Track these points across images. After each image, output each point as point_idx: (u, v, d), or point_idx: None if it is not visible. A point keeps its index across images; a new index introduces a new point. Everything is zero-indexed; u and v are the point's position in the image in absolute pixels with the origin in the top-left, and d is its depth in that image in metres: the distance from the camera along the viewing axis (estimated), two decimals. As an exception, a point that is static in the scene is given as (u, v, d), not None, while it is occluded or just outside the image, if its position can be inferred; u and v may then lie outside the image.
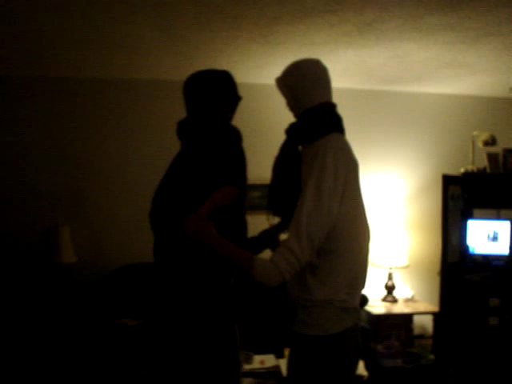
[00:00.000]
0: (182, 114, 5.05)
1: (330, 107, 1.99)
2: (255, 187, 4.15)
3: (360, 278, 1.96)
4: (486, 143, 4.35)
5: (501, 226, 4.38)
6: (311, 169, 1.82)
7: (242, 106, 2.18)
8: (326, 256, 1.86)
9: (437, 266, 4.24)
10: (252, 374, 3.28)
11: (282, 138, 2.11)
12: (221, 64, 3.96)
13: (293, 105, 1.97)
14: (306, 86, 1.94)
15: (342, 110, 2.08)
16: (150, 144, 4.65)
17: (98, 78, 4.55)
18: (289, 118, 2.13)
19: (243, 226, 2.11)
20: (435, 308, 4.39)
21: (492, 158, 4.37)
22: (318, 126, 1.92)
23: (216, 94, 2.05)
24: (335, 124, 1.97)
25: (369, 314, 4.39)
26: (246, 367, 3.41)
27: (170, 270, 2.07)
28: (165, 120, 4.66)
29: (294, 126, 2.00)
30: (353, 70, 4.22)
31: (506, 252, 4.34)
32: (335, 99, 2.05)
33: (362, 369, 3.49)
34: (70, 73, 4.42)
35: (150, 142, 4.65)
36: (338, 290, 1.87)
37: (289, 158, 1.98)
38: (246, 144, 2.19)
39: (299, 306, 1.92)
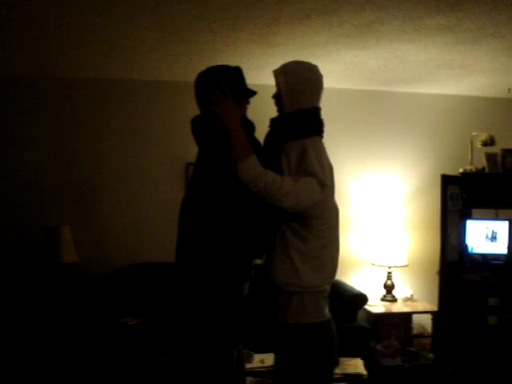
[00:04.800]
0: (182, 114, 5.06)
1: (319, 112, 2.09)
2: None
3: (336, 269, 2.09)
4: (484, 143, 4.36)
5: (499, 226, 4.39)
6: (306, 161, 1.96)
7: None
8: (314, 243, 1.97)
9: (436, 266, 4.25)
10: (252, 372, 3.29)
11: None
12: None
13: (287, 101, 2.02)
14: (306, 89, 2.02)
15: (341, 111, 2.12)
16: (151, 144, 4.67)
17: (100, 79, 4.56)
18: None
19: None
20: (434, 307, 4.40)
21: (490, 158, 4.38)
22: (307, 126, 2.01)
23: (230, 89, 2.02)
24: (320, 128, 2.08)
25: (368, 313, 4.40)
26: (246, 366, 3.42)
27: (189, 274, 2.03)
28: (166, 120, 4.69)
29: (283, 121, 2.06)
30: (352, 70, 4.24)
31: (505, 251, 4.35)
32: (335, 99, 2.09)
33: (361, 368, 3.50)
34: (71, 73, 4.44)
35: (151, 142, 4.67)
36: (324, 279, 2.01)
37: (273, 149, 2.06)
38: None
39: (289, 295, 1.98)
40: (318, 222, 1.97)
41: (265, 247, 2.07)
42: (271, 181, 1.89)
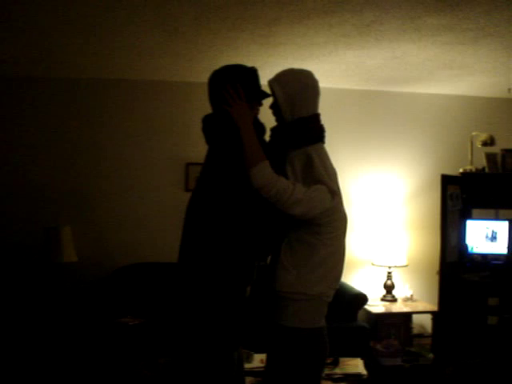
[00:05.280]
0: (182, 114, 5.06)
1: (319, 118, 2.08)
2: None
3: (341, 276, 2.09)
4: (484, 143, 4.36)
5: (499, 226, 4.39)
6: (313, 169, 1.94)
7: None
8: (322, 250, 1.96)
9: (436, 266, 4.25)
10: (252, 372, 3.28)
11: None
12: (220, 65, 3.96)
13: (286, 110, 2.01)
14: (305, 97, 2.01)
15: (341, 111, 2.11)
16: (151, 144, 4.67)
17: (100, 79, 4.57)
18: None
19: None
20: (434, 307, 4.40)
21: (490, 158, 4.38)
22: (309, 134, 2.01)
23: (245, 89, 2.00)
24: (321, 134, 2.07)
25: (368, 313, 4.40)
26: (246, 366, 3.42)
27: (193, 276, 2.00)
28: (166, 120, 4.69)
29: (285, 131, 2.04)
30: (352, 70, 4.24)
31: (505, 251, 4.35)
32: (335, 99, 2.08)
33: (361, 368, 3.50)
34: (71, 73, 4.44)
35: (151, 142, 4.67)
36: (329, 286, 2.01)
37: (276, 159, 2.03)
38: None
39: (291, 301, 1.97)
40: (326, 230, 1.96)
41: (270, 250, 2.05)
42: (283, 188, 1.88)
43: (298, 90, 1.99)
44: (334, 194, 1.94)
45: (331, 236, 1.98)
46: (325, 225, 1.95)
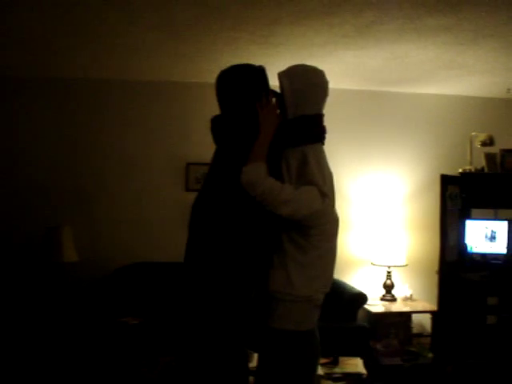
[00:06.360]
0: (182, 114, 5.06)
1: (322, 119, 2.06)
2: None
3: (331, 279, 2.06)
4: (483, 143, 4.36)
5: (498, 226, 4.40)
6: (307, 169, 1.93)
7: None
8: (311, 252, 1.94)
9: (435, 265, 4.25)
10: (252, 372, 3.29)
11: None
12: (220, 65, 3.95)
13: (291, 106, 1.98)
14: (311, 95, 1.99)
15: (341, 111, 2.11)
16: (152, 144, 4.68)
17: (100, 79, 4.57)
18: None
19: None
20: (434, 307, 4.41)
21: (490, 158, 4.38)
22: (309, 134, 1.99)
23: (254, 89, 1.99)
24: (322, 135, 2.04)
25: (368, 312, 4.41)
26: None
27: (200, 275, 1.99)
28: (166, 120, 4.69)
29: (285, 127, 2.01)
30: (352, 70, 4.24)
31: (504, 251, 4.37)
32: (335, 100, 2.06)
33: (361, 367, 3.51)
34: (71, 73, 4.44)
35: (151, 142, 4.68)
36: (318, 289, 1.98)
37: (272, 154, 2.00)
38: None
39: (279, 301, 1.96)
40: (316, 232, 1.94)
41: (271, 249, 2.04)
42: (269, 187, 1.86)
43: (306, 86, 1.96)
44: (325, 196, 1.91)
45: (320, 238, 1.96)
46: (314, 227, 1.93)
